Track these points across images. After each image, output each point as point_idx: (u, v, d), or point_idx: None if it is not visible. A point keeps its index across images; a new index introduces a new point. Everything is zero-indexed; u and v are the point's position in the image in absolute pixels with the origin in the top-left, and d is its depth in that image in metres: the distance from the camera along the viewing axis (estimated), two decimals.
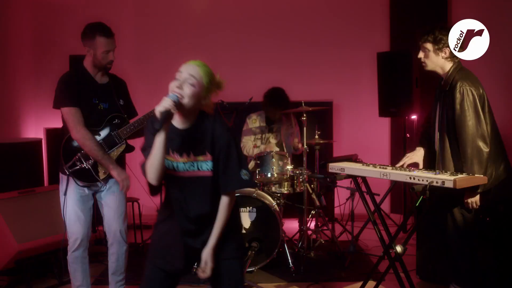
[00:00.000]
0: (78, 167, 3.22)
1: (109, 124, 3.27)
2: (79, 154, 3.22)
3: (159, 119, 2.16)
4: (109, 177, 3.31)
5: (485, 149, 3.03)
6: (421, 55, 3.26)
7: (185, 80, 2.24)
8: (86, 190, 3.31)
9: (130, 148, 3.34)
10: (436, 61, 3.22)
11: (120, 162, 3.41)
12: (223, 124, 2.36)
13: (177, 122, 2.33)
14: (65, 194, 3.26)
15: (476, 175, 3.06)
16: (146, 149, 2.30)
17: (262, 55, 6.10)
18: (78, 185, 3.25)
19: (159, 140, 2.20)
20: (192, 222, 2.35)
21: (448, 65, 3.22)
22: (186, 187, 2.32)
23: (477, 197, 3.10)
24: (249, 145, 4.93)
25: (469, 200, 3.10)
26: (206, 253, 2.34)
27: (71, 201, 3.28)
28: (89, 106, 3.23)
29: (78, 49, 4.92)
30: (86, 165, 3.22)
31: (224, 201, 2.34)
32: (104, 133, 3.27)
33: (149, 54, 6.00)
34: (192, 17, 6.11)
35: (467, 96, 3.06)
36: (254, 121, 4.95)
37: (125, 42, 6.03)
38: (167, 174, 2.31)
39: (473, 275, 3.25)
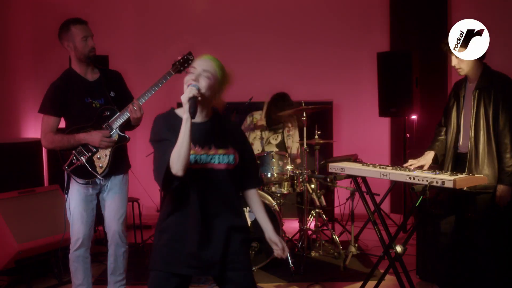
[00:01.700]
0: (75, 165, 3.24)
1: (99, 118, 3.26)
2: (74, 151, 3.25)
3: (189, 105, 2.19)
4: (109, 174, 3.30)
5: None
6: (454, 62, 3.25)
7: (200, 73, 2.29)
8: (90, 190, 3.32)
9: (122, 139, 3.28)
10: (471, 64, 3.23)
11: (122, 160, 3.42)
12: (236, 123, 2.47)
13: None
14: (66, 192, 3.31)
15: (476, 175, 3.07)
16: (158, 142, 2.32)
17: (262, 55, 6.10)
18: (78, 183, 3.26)
19: (185, 127, 2.21)
20: (205, 215, 2.31)
21: (480, 65, 3.26)
22: (205, 179, 2.32)
23: (507, 191, 3.14)
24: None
25: (498, 194, 3.15)
26: (274, 236, 2.43)
27: (75, 200, 3.30)
28: (83, 106, 3.27)
29: None
30: (81, 161, 3.24)
31: (254, 192, 2.52)
32: (94, 127, 3.26)
33: (149, 54, 6.00)
34: (192, 17, 6.11)
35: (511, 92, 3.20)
36: (255, 120, 4.94)
37: (125, 42, 6.05)
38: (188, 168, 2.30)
39: (472, 276, 3.25)
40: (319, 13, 6.15)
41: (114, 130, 3.24)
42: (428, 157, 3.45)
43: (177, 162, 2.21)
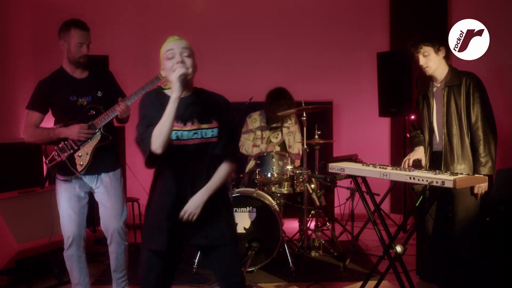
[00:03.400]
0: (56, 161, 3.28)
1: (85, 117, 3.27)
2: (56, 147, 3.28)
3: (178, 84, 2.25)
4: (94, 172, 3.32)
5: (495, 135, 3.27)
6: (422, 61, 3.33)
7: (181, 54, 2.37)
8: (77, 188, 3.34)
9: (105, 138, 3.29)
10: (438, 62, 3.32)
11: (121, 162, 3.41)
12: (222, 96, 2.50)
13: None
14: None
15: (476, 175, 3.07)
16: (142, 116, 2.38)
17: (262, 55, 6.10)
18: (58, 179, 3.32)
19: (172, 106, 2.25)
20: (189, 192, 2.36)
21: (445, 64, 3.36)
22: (189, 155, 2.36)
23: (485, 184, 3.18)
24: (248, 144, 4.92)
25: (477, 185, 3.18)
26: (192, 199, 2.33)
27: (62, 199, 3.33)
28: (67, 104, 3.29)
29: None
30: (62, 158, 3.27)
31: (225, 166, 2.42)
32: None
33: (149, 54, 5.96)
34: (193, 17, 6.11)
35: (482, 88, 3.28)
36: (254, 120, 4.95)
37: (125, 41, 6.05)
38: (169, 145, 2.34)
39: (471, 276, 3.24)
40: (319, 13, 6.15)
41: (97, 129, 3.25)
42: (420, 150, 3.50)
43: (157, 139, 2.26)
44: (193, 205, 2.34)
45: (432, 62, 3.32)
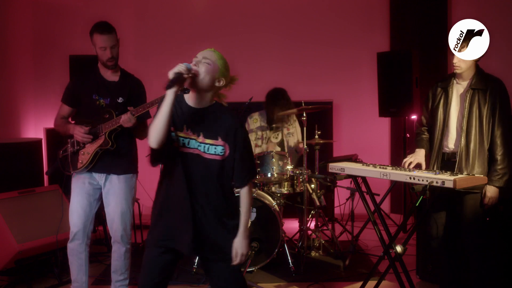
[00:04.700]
0: (66, 153, 3.39)
1: (100, 119, 3.31)
2: (69, 140, 3.39)
3: (171, 79, 2.25)
4: (101, 171, 3.35)
5: None
6: (456, 59, 3.21)
7: (200, 60, 2.38)
8: (86, 183, 3.37)
9: (107, 143, 3.26)
10: (470, 63, 3.21)
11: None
12: (240, 118, 2.51)
13: (193, 102, 2.43)
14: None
15: (476, 175, 3.07)
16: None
17: (262, 55, 6.10)
18: (64, 172, 3.41)
19: (167, 102, 2.27)
20: (194, 199, 2.38)
21: (474, 65, 3.25)
22: (193, 163, 2.38)
23: (496, 193, 3.12)
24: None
25: (489, 195, 3.12)
26: (237, 243, 2.40)
27: (74, 193, 3.39)
28: (88, 101, 3.36)
29: (78, 49, 4.95)
30: (69, 152, 3.38)
31: (243, 191, 2.46)
32: (94, 125, 3.33)
33: (149, 55, 6.00)
34: (192, 17, 6.11)
35: (507, 98, 3.17)
36: (255, 121, 4.95)
37: (124, 42, 6.03)
38: (176, 149, 2.37)
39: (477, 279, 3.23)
40: (319, 13, 6.16)
41: (103, 133, 3.27)
42: (421, 154, 3.42)
43: (152, 133, 2.29)
44: (241, 247, 2.40)
45: (464, 63, 3.20)
